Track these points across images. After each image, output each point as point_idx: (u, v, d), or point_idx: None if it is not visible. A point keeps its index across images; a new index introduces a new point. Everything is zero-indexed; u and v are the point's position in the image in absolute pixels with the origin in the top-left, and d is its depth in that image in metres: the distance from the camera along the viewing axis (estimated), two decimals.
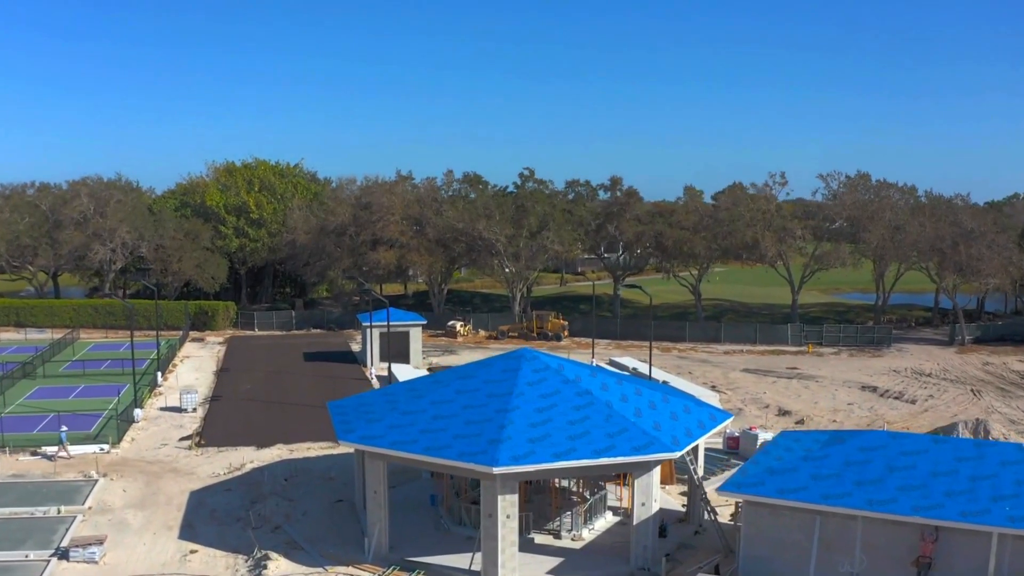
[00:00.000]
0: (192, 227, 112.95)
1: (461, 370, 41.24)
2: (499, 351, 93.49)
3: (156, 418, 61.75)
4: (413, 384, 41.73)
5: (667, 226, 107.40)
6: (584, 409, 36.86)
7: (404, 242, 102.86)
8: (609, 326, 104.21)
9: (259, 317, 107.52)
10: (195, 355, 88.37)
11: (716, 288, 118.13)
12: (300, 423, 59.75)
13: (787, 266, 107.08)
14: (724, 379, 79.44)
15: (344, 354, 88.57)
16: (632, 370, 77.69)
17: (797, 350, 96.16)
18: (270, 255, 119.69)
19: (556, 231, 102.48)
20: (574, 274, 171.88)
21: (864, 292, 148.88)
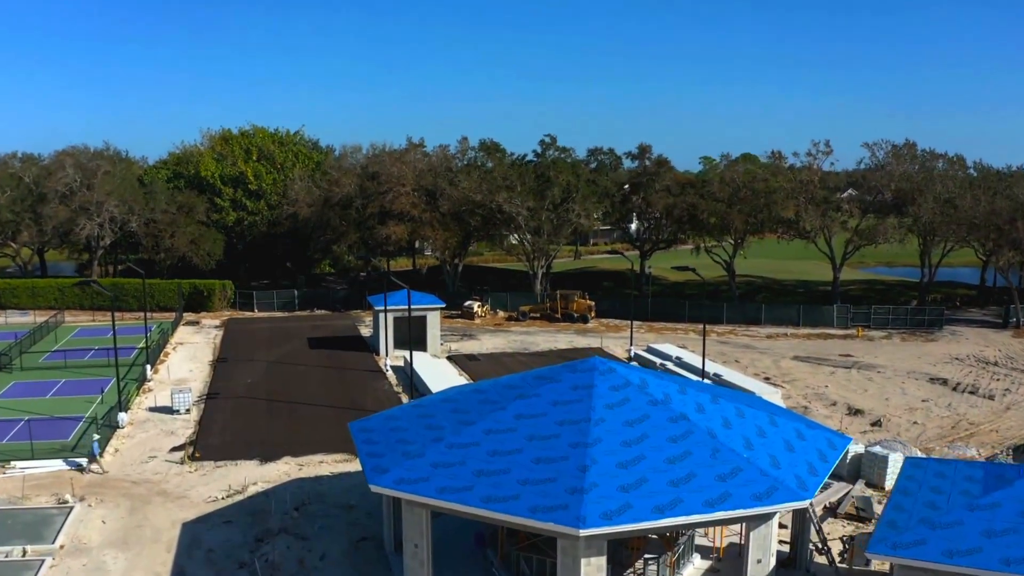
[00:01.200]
0: (186, 200, 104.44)
1: (518, 384, 33.10)
2: (522, 334, 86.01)
3: (144, 422, 53.76)
4: (455, 400, 33.61)
5: (699, 198, 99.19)
6: (683, 441, 28.89)
7: (416, 216, 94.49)
8: (637, 306, 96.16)
9: (259, 297, 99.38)
10: (189, 341, 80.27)
11: (747, 264, 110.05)
12: (309, 428, 51.84)
13: (828, 241, 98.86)
14: (776, 369, 71.58)
15: (353, 340, 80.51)
16: (676, 360, 69.94)
17: (844, 334, 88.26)
18: (270, 229, 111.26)
19: (581, 203, 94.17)
20: (584, 245, 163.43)
21: (891, 266, 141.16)
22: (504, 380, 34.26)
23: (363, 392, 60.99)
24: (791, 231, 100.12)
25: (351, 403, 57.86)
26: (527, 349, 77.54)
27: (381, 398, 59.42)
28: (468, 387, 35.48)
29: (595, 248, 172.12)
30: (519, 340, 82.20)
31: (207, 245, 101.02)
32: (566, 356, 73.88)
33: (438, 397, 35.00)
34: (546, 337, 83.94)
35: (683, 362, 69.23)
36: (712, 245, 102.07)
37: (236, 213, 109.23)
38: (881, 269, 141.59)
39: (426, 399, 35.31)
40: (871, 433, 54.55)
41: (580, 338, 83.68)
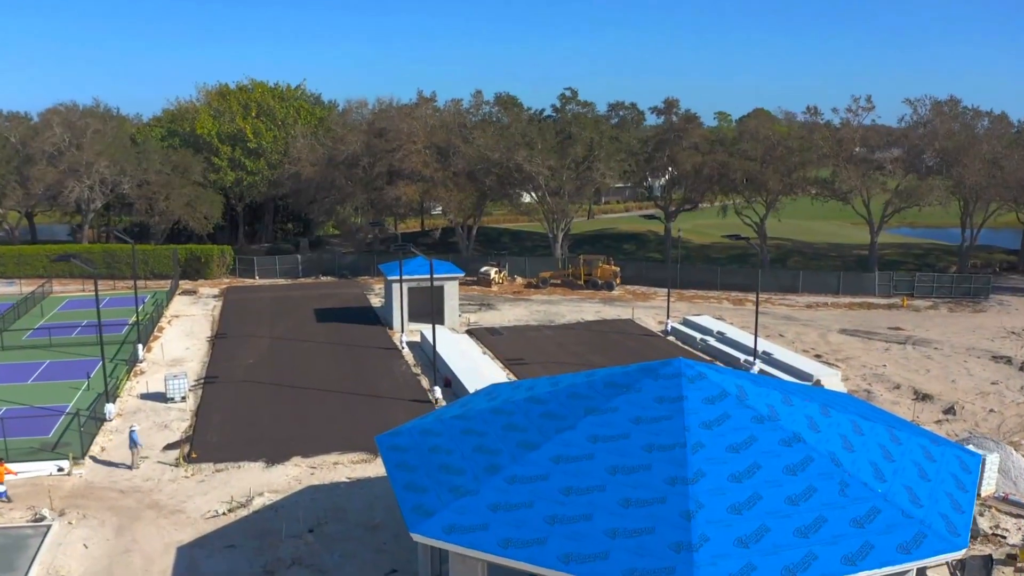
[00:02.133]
0: (181, 159, 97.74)
1: (584, 392, 27.00)
2: (544, 303, 79.89)
3: (134, 412, 47.83)
4: (507, 412, 27.48)
5: (729, 156, 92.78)
6: (802, 472, 22.95)
7: (428, 175, 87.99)
8: (662, 272, 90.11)
9: (260, 263, 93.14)
10: (185, 313, 74.19)
11: (776, 226, 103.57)
12: (319, 420, 45.96)
13: (866, 203, 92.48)
14: (825, 345, 65.63)
15: (363, 312, 74.43)
16: (718, 334, 64.02)
17: (888, 303, 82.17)
18: (271, 190, 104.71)
19: (605, 161, 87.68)
20: (596, 204, 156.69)
21: (913, 227, 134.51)
22: (564, 385, 28.11)
23: (378, 374, 55.07)
24: (826, 191, 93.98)
25: (365, 388, 51.96)
26: (552, 321, 71.54)
27: (399, 381, 53.50)
28: (519, 391, 29.30)
29: (607, 207, 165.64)
30: (542, 310, 76.19)
31: (204, 207, 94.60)
32: (594, 329, 68.06)
33: (483, 404, 28.89)
34: (570, 307, 77.92)
35: (726, 337, 63.34)
36: (742, 206, 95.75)
37: (234, 173, 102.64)
38: (904, 230, 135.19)
39: (470, 406, 29.20)
40: (947, 424, 48.82)
41: (607, 308, 77.66)
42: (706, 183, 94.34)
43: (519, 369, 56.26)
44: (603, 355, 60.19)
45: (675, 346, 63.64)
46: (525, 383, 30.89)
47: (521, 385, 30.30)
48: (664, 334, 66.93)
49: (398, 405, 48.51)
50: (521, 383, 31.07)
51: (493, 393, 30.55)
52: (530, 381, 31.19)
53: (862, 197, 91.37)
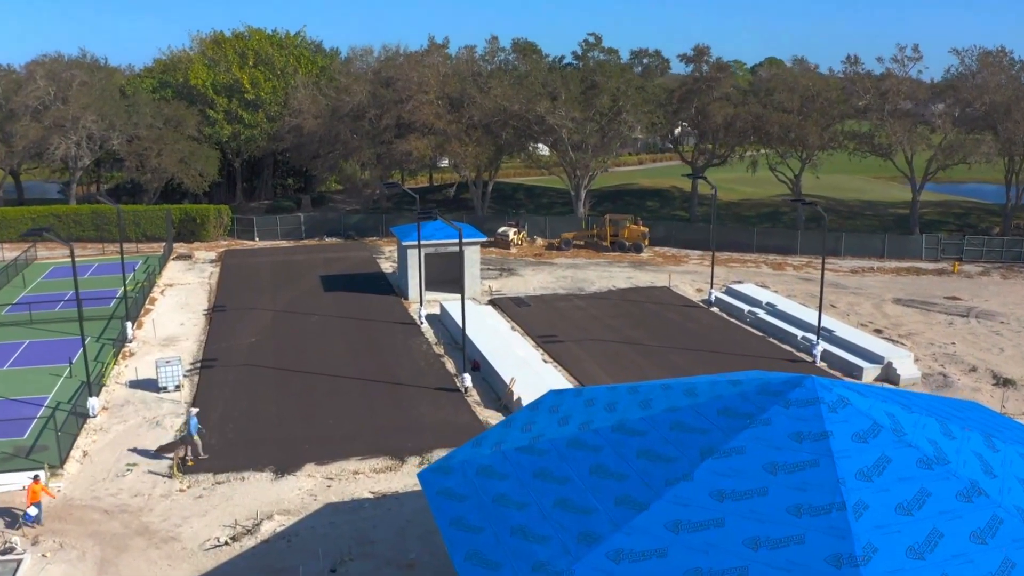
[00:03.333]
0: (174, 112, 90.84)
1: (690, 421, 20.95)
2: (569, 268, 73.61)
3: (122, 405, 41.94)
4: (592, 445, 21.42)
5: (762, 107, 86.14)
6: (993, 540, 17.32)
7: (441, 128, 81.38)
8: (693, 232, 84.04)
9: (260, 223, 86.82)
10: (180, 282, 68.07)
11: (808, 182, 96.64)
12: (332, 414, 40.12)
13: (909, 159, 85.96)
14: (883, 318, 59.69)
15: (374, 279, 68.35)
16: (767, 306, 58.05)
17: (936, 268, 76.04)
18: (270, 144, 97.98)
19: (633, 112, 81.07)
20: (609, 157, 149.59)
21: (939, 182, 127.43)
22: (660, 407, 22.09)
23: (396, 355, 49.15)
24: (865, 146, 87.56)
25: (383, 373, 46.06)
26: (581, 289, 65.52)
27: (420, 364, 47.59)
28: (596, 410, 23.35)
29: (620, 160, 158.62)
30: (568, 276, 70.13)
31: (199, 164, 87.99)
32: (628, 298, 62.10)
33: (553, 428, 22.92)
34: (598, 272, 71.85)
35: (777, 310, 57.38)
36: (776, 162, 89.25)
37: (231, 126, 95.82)
38: (931, 186, 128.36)
39: (535, 430, 23.23)
40: None
41: (639, 273, 71.58)
42: (738, 137, 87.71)
43: (554, 348, 50.39)
44: (644, 330, 54.29)
45: (721, 319, 57.73)
46: (599, 394, 24.90)
47: (596, 399, 24.29)
48: (707, 304, 60.96)
49: (422, 396, 42.66)
50: (594, 393, 25.07)
51: (560, 408, 24.57)
52: (604, 391, 25.18)
53: (904, 153, 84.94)
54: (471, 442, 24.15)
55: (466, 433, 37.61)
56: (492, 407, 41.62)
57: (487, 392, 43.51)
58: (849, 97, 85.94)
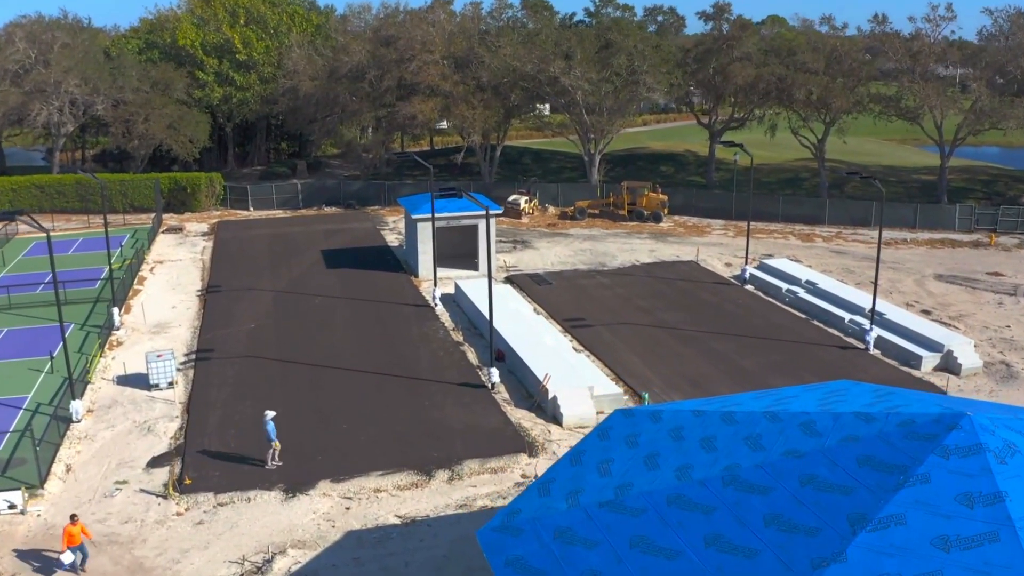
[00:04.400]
0: (162, 75, 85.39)
1: (825, 471, 16.62)
2: (586, 239, 68.72)
3: (109, 407, 37.46)
4: (692, 489, 17.20)
5: (785, 68, 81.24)
6: None
7: (447, 90, 76.36)
8: (711, 200, 79.51)
9: (254, 192, 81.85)
10: (171, 258, 63.34)
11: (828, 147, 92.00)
12: (347, 418, 35.71)
13: (938, 124, 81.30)
14: (927, 296, 55.47)
15: (380, 254, 63.72)
16: (807, 284, 53.71)
17: (971, 240, 71.54)
18: (263, 107, 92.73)
19: (652, 73, 76.16)
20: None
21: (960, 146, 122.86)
22: (778, 450, 17.77)
23: (411, 344, 44.70)
24: (892, 109, 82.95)
25: (399, 365, 41.66)
26: (603, 264, 61.05)
27: (439, 354, 43.17)
28: (693, 450, 19.01)
29: (625, 122, 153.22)
30: (586, 249, 65.64)
31: (189, 129, 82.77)
32: (655, 275, 57.73)
33: (640, 473, 18.64)
34: (618, 244, 67.37)
35: (818, 288, 52.97)
36: (799, 125, 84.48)
37: (222, 89, 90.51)
38: (932, 149, 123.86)
39: (616, 473, 18.92)
40: None
41: (661, 245, 67.12)
42: (760, 99, 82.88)
43: (583, 334, 46.02)
44: (677, 312, 49.96)
45: (757, 299, 53.39)
46: (685, 422, 20.55)
47: (683, 430, 19.94)
48: (741, 282, 56.57)
49: (444, 393, 38.29)
50: (677, 420, 20.70)
51: (640, 440, 20.23)
52: (688, 416, 20.81)
53: (933, 117, 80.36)
54: (536, 487, 19.77)
55: (497, 439, 33.43)
56: (523, 405, 37.36)
57: (516, 388, 39.20)
58: (875, 58, 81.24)
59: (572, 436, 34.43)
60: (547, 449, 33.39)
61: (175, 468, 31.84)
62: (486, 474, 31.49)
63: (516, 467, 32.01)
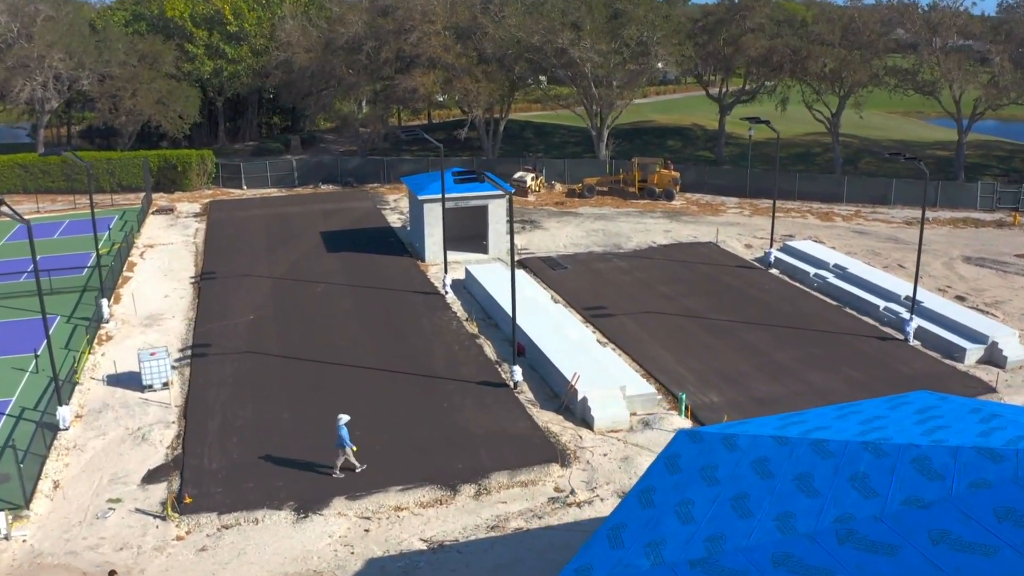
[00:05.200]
0: (149, 48, 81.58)
1: (960, 533, 13.87)
2: (597, 219, 65.32)
3: (99, 411, 34.47)
4: (813, 553, 14.35)
5: (799, 39, 78.10)
6: None
7: (449, 62, 72.98)
8: (723, 176, 76.56)
9: (247, 170, 78.45)
10: (161, 241, 60.14)
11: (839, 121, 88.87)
12: (360, 424, 32.77)
13: (957, 98, 78.37)
14: (958, 280, 52.81)
15: (383, 236, 60.67)
16: (835, 268, 50.97)
17: (993, 219, 68.78)
18: (256, 81, 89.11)
19: (665, 45, 72.92)
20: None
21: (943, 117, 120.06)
22: (897, 497, 15.01)
23: (423, 335, 41.80)
24: (908, 83, 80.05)
25: (411, 361, 38.78)
26: (618, 246, 58.14)
27: (454, 349, 40.28)
28: (789, 491, 16.33)
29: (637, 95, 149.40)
30: (598, 229, 62.71)
31: (178, 104, 79.17)
32: (673, 257, 54.99)
33: (735, 528, 15.88)
34: (631, 223, 64.45)
35: (848, 273, 50.20)
36: (812, 99, 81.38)
37: (212, 62, 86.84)
38: (943, 121, 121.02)
39: (697, 511, 16.11)
40: None
41: (676, 225, 64.22)
42: (774, 72, 79.71)
43: (606, 324, 43.21)
44: (702, 298, 47.20)
45: (784, 284, 50.64)
46: (770, 452, 17.89)
47: (770, 463, 17.23)
48: (765, 265, 53.74)
49: (464, 393, 35.45)
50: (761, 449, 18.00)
51: (720, 475, 17.47)
52: (770, 444, 18.10)
53: (952, 91, 77.47)
54: (605, 534, 16.93)
55: (525, 447, 30.66)
56: (549, 407, 34.55)
57: (539, 386, 36.39)
58: (892, 30, 78.17)
59: (605, 442, 31.71)
60: (580, 458, 30.64)
61: (173, 483, 28.96)
62: (516, 488, 28.73)
63: (548, 479, 29.26)
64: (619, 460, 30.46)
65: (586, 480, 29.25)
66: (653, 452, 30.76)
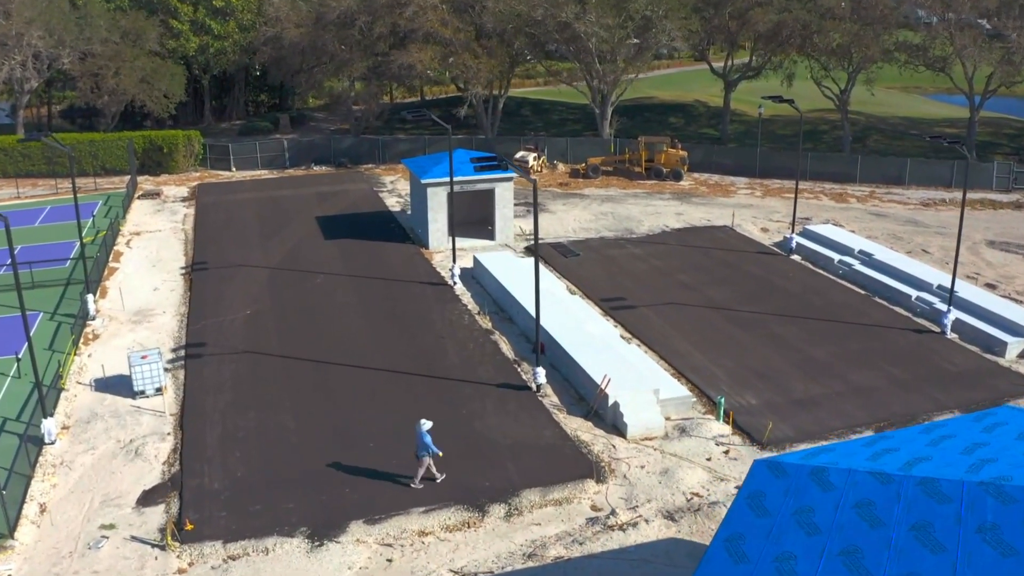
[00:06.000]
0: (132, 24, 77.87)
1: None
2: (604, 201, 62.02)
3: (88, 421, 31.66)
4: None
5: (808, 13, 75.23)
6: None
7: (448, 37, 69.87)
8: (730, 155, 73.90)
9: (236, 150, 75.20)
10: (148, 228, 57.08)
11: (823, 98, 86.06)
12: (372, 435, 30.22)
13: (970, 75, 75.83)
14: (986, 267, 50.47)
15: (382, 221, 57.82)
16: (861, 254, 48.52)
17: (1011, 201, 66.36)
18: (243, 57, 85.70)
19: (673, 19, 70.00)
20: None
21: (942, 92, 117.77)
22: None
23: (433, 332, 39.11)
24: (918, 58, 77.50)
25: (424, 361, 36.11)
26: (630, 231, 55.51)
27: (467, 345, 37.62)
28: (912, 547, 13.80)
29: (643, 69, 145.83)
30: (607, 212, 60.01)
31: (163, 83, 75.72)
32: (689, 243, 52.46)
33: None
34: (640, 206, 61.80)
35: (875, 260, 47.76)
36: (821, 76, 78.67)
37: (198, 38, 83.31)
38: (942, 97, 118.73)
39: (799, 567, 13.58)
40: None
41: (687, 207, 61.61)
42: (780, 46, 76.86)
43: (627, 317, 40.66)
44: (726, 288, 44.71)
45: (809, 272, 48.14)
46: (866, 484, 15.57)
47: (879, 509, 14.98)
48: (786, 252, 51.21)
49: (484, 397, 32.84)
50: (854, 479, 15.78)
51: (819, 523, 15.07)
52: (872, 483, 15.83)
53: (964, 68, 74.94)
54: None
55: (556, 459, 28.13)
56: (577, 412, 32.01)
57: (563, 388, 33.81)
58: (904, 3, 75.52)
59: (640, 452, 29.21)
60: (615, 471, 28.12)
61: (171, 506, 26.28)
62: (549, 507, 26.22)
63: (583, 497, 26.75)
64: (658, 473, 27.96)
65: (625, 497, 26.75)
66: (694, 464, 28.35)
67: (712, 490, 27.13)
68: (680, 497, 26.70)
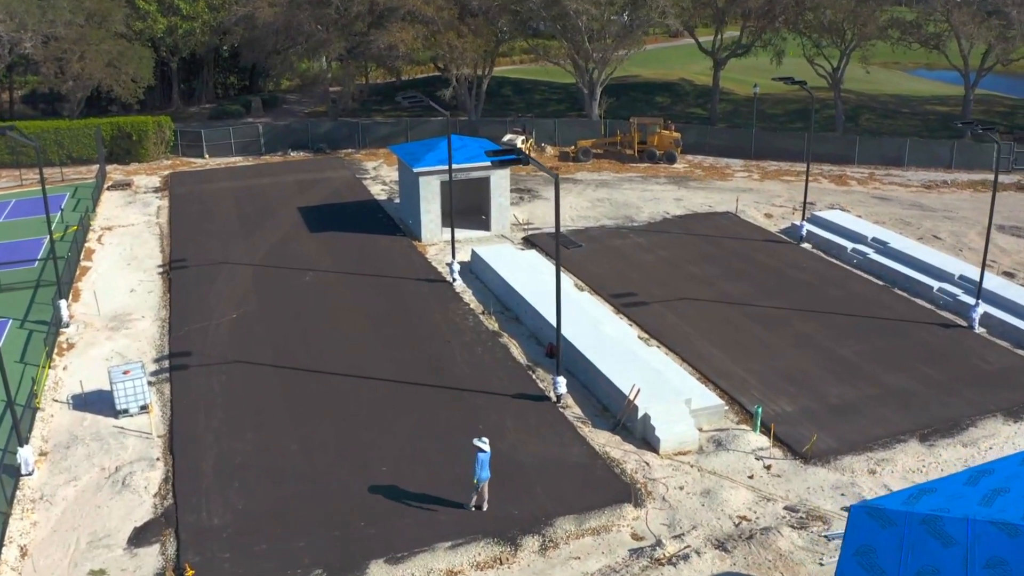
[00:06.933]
0: (97, 6, 73.71)
1: None
2: (599, 186, 59.41)
3: (68, 446, 28.75)
4: None
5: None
6: None
7: (431, 15, 66.81)
8: (723, 136, 71.66)
9: (209, 136, 71.68)
10: (121, 223, 53.77)
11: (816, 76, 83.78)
12: (384, 455, 27.62)
13: (965, 53, 74.05)
14: (998, 251, 48.52)
15: (369, 211, 54.93)
16: (874, 242, 46.46)
17: (1013, 182, 64.53)
18: (213, 39, 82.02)
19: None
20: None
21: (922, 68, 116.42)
22: None
23: (437, 335, 36.47)
24: (911, 36, 75.75)
25: (430, 369, 33.52)
26: (630, 219, 53.09)
27: (475, 350, 35.05)
28: None
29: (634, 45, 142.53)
30: (604, 198, 57.55)
31: (130, 67, 71.92)
32: (693, 231, 50.30)
33: None
34: (636, 191, 59.39)
35: (890, 248, 45.69)
36: (813, 53, 76.53)
37: (166, 20, 79.49)
38: (923, 72, 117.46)
39: None
40: None
41: (686, 192, 59.28)
42: (771, 22, 74.60)
43: (641, 315, 38.26)
44: (740, 281, 42.49)
45: (822, 262, 46.01)
46: (989, 536, 13.09)
47: (1014, 568, 12.43)
48: (796, 239, 49.02)
49: (501, 410, 30.31)
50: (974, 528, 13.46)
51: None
52: (984, 519, 13.46)
53: (960, 46, 73.18)
54: None
55: (588, 481, 25.83)
56: (602, 424, 29.61)
57: (582, 397, 31.39)
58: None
59: (676, 470, 26.92)
60: (653, 493, 25.78)
61: (167, 546, 23.59)
62: (587, 537, 23.87)
63: (622, 524, 24.43)
64: (700, 495, 25.67)
65: (667, 523, 24.45)
66: (736, 482, 26.07)
67: (760, 512, 24.90)
68: (727, 522, 24.43)
